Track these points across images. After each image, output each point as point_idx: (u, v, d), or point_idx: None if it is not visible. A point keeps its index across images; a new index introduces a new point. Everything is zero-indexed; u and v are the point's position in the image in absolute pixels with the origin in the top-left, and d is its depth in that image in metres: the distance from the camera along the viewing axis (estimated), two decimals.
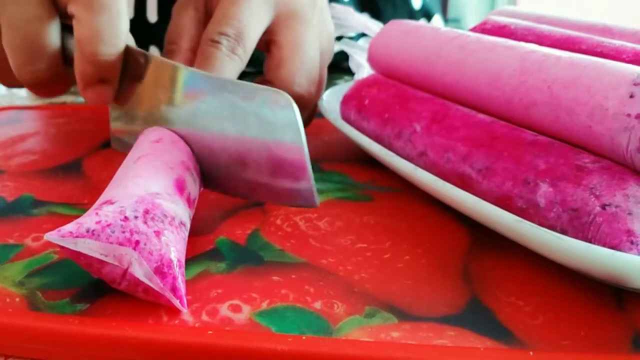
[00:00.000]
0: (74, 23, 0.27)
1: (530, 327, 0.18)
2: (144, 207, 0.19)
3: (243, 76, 0.40)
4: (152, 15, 0.53)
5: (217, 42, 0.29)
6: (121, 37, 0.27)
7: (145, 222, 0.19)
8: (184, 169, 0.23)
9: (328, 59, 0.36)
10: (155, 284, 0.18)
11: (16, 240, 0.23)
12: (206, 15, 0.33)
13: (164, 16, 0.52)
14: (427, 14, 0.61)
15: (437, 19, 0.62)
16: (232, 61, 0.30)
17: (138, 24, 0.54)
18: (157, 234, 0.19)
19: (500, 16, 0.33)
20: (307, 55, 0.32)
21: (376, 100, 0.31)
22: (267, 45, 0.32)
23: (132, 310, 0.19)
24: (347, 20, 0.39)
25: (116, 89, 0.28)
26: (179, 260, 0.19)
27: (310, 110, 0.34)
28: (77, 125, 0.39)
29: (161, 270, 0.18)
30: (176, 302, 0.18)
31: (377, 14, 0.57)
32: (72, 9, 0.27)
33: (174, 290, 0.18)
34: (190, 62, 0.32)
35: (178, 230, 0.20)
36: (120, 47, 0.27)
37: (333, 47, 0.37)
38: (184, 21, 0.33)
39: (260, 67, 0.33)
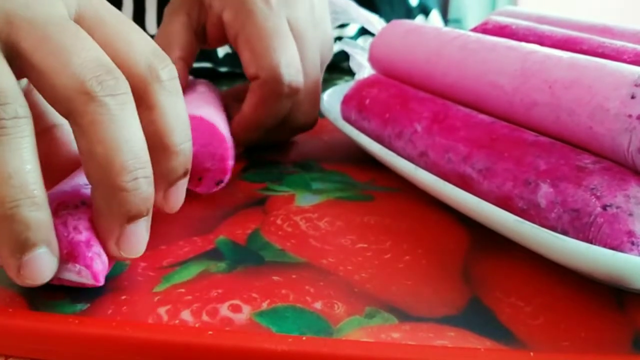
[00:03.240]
0: (155, 115, 0.20)
1: (531, 328, 0.18)
2: (59, 200, 0.20)
3: (237, 78, 0.40)
4: (151, 27, 0.53)
5: (281, 89, 0.30)
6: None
7: (56, 213, 0.19)
8: None
9: (325, 67, 0.36)
10: (68, 269, 0.19)
11: None
12: (199, 23, 0.33)
13: None
14: (424, 10, 0.61)
15: (434, 15, 0.62)
16: (290, 100, 0.31)
17: None
18: (64, 223, 0.19)
19: (501, 16, 0.33)
20: (311, 81, 0.32)
21: (377, 100, 0.31)
22: None
23: (132, 310, 0.19)
24: (348, 12, 0.39)
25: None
26: (87, 240, 0.19)
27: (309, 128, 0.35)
28: None
29: (73, 254, 0.19)
30: (89, 278, 0.19)
31: (375, 11, 0.57)
32: (150, 98, 0.20)
33: (88, 267, 0.19)
34: (183, 72, 0.32)
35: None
36: None
37: (331, 54, 0.36)
38: (175, 27, 0.32)
39: None
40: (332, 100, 0.36)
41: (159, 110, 0.20)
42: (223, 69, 0.54)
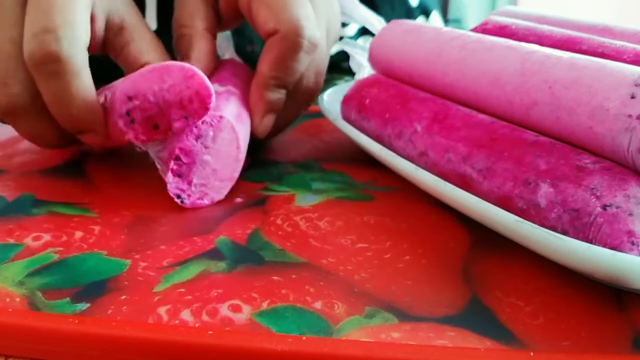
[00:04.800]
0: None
1: (531, 328, 0.18)
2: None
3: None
4: (151, 23, 0.53)
5: (301, 42, 0.29)
6: (81, 96, 0.26)
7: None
8: None
9: (333, 42, 0.35)
10: None
11: (16, 240, 0.23)
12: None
13: (163, 24, 0.52)
14: (425, 11, 0.61)
15: (435, 15, 0.62)
16: (309, 57, 0.30)
17: None
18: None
19: (501, 16, 0.33)
20: (321, 53, 0.32)
21: (377, 100, 0.31)
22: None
23: (132, 310, 0.19)
24: (350, 11, 0.39)
25: (104, 132, 0.27)
26: None
27: (312, 100, 0.34)
28: None
29: None
30: None
31: (375, 12, 0.57)
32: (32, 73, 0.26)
33: None
34: (211, 44, 0.32)
35: None
36: (88, 101, 0.26)
37: (337, 37, 0.36)
38: (194, 2, 0.32)
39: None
40: (332, 100, 0.36)
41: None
42: None
